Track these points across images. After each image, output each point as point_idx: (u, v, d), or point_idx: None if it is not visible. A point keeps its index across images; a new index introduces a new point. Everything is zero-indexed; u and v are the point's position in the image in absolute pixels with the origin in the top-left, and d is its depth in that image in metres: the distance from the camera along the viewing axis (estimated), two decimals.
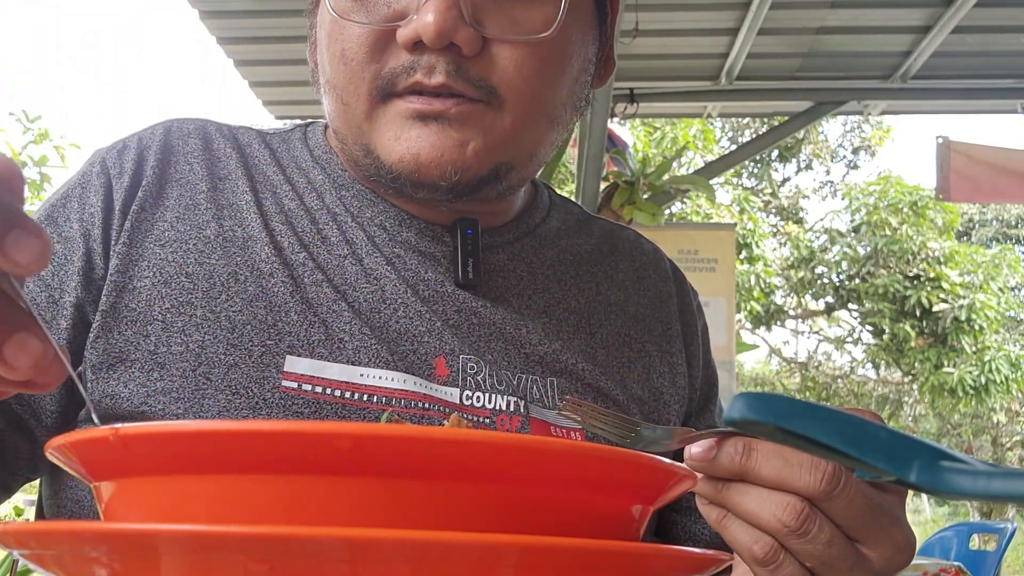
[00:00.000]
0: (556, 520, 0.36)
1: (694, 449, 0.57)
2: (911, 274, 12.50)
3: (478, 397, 0.78)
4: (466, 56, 0.73)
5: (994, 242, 16.47)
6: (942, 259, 12.38)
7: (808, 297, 14.33)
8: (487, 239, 0.87)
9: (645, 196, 4.84)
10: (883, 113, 5.86)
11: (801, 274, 13.93)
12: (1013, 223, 16.97)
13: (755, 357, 17.07)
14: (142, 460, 0.36)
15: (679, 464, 0.40)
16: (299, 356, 0.75)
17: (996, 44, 4.81)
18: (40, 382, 0.40)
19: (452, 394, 0.78)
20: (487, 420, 0.78)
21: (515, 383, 0.81)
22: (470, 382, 0.79)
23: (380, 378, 0.75)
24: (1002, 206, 16.34)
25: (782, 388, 15.57)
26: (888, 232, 12.66)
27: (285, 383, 0.73)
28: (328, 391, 0.74)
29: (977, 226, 17.23)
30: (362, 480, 0.34)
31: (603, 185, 4.77)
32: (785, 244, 14.82)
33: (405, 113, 0.75)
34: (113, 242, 0.78)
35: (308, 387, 0.74)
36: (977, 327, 12.00)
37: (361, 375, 0.75)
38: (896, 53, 4.92)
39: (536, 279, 0.88)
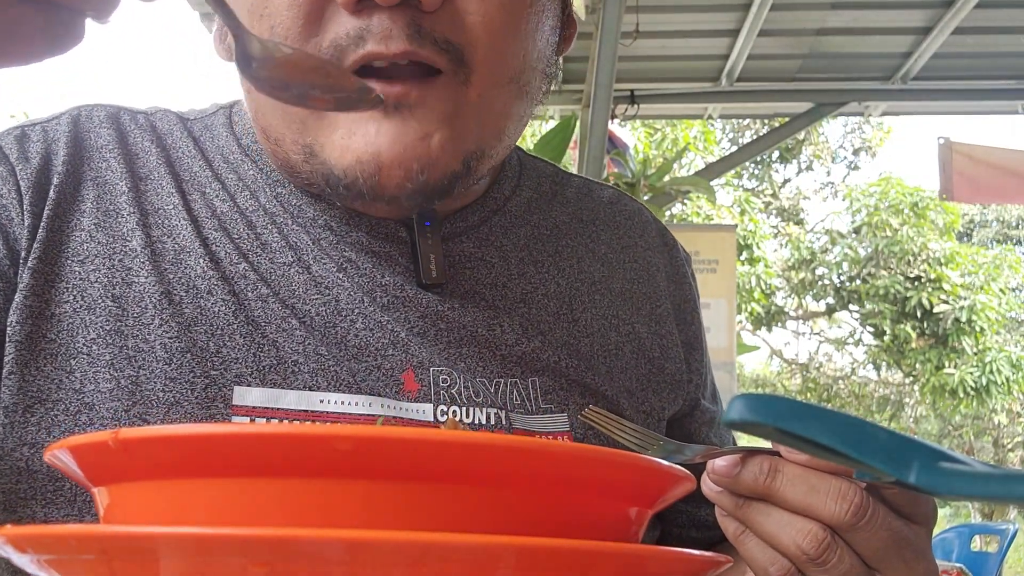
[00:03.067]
0: (554, 522, 0.36)
1: (717, 463, 0.55)
2: (912, 275, 12.50)
3: (454, 412, 0.70)
4: (426, 12, 0.62)
5: (995, 243, 16.46)
6: (943, 260, 12.37)
7: (809, 298, 14.32)
8: (450, 226, 0.77)
9: (646, 197, 4.84)
10: (884, 114, 5.86)
11: (802, 275, 13.93)
12: (1014, 224, 16.95)
13: (756, 358, 17.06)
14: (142, 464, 0.36)
15: (677, 467, 0.40)
16: (248, 386, 0.66)
17: (996, 45, 4.81)
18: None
19: (425, 411, 0.69)
20: None
21: (492, 391, 0.72)
22: (444, 396, 0.70)
23: (342, 403, 0.67)
24: (1003, 207, 16.34)
25: (783, 389, 15.56)
26: (889, 233, 12.65)
27: (235, 419, 0.65)
28: (285, 423, 0.65)
29: (978, 227, 17.22)
30: (361, 482, 0.34)
31: None
32: (786, 245, 14.81)
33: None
34: (24, 251, 0.67)
35: (262, 420, 0.65)
36: (978, 328, 11.98)
37: (320, 401, 0.67)
38: (896, 54, 4.93)
39: (510, 264, 0.78)
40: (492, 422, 0.71)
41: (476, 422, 0.71)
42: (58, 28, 0.44)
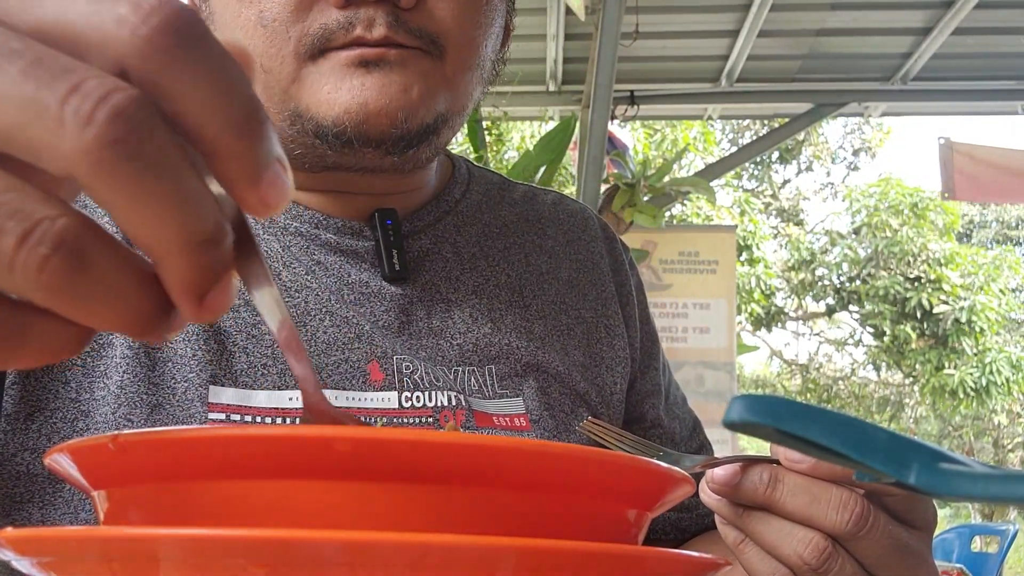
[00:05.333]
0: (554, 523, 0.36)
1: (717, 472, 0.55)
2: (912, 276, 12.50)
3: (418, 397, 0.75)
4: (404, 7, 0.70)
5: (994, 243, 16.47)
6: (943, 261, 12.37)
7: (809, 299, 14.33)
8: (408, 225, 0.83)
9: (646, 198, 4.84)
10: (883, 115, 5.86)
11: (802, 276, 13.93)
12: (1013, 224, 16.96)
13: (756, 359, 17.07)
14: (142, 467, 0.36)
15: (676, 469, 0.40)
16: (222, 385, 0.71)
17: (996, 46, 4.82)
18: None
19: (390, 399, 0.74)
20: (430, 419, 0.74)
21: (452, 377, 0.78)
22: (407, 383, 0.75)
23: None
24: (1002, 207, 16.35)
25: (783, 390, 15.56)
26: (888, 234, 12.66)
27: (212, 415, 0.69)
28: (257, 420, 0.70)
29: (977, 228, 17.22)
30: (361, 483, 0.34)
31: (603, 187, 4.78)
32: (786, 246, 14.82)
33: (346, 61, 0.70)
34: None
35: (236, 417, 0.70)
36: (978, 329, 11.99)
37: (290, 399, 0.72)
38: (896, 55, 4.94)
39: (462, 259, 0.85)
40: (453, 403, 0.76)
41: (438, 404, 0.75)
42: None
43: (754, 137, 11.68)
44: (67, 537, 0.33)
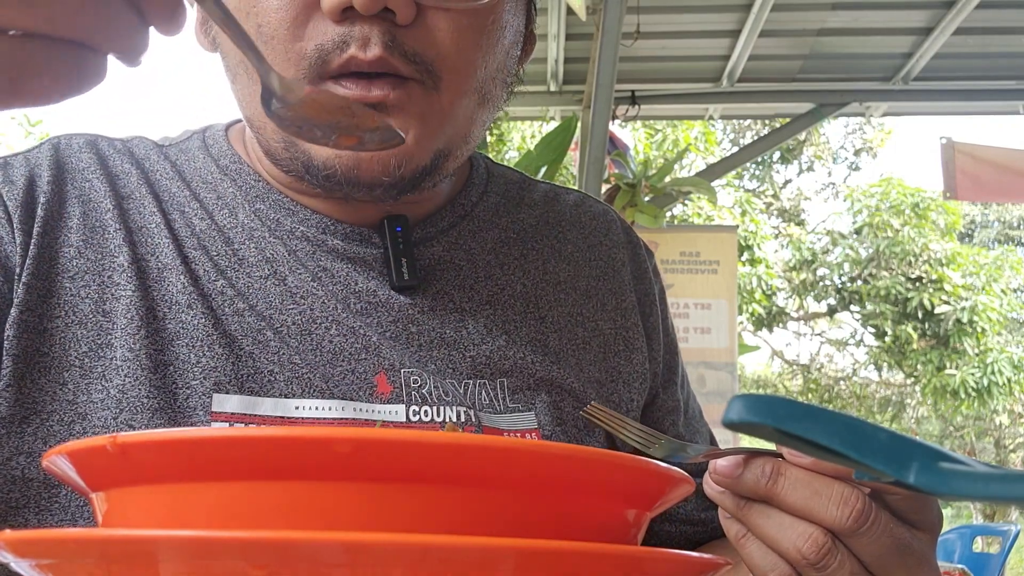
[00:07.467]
0: (553, 524, 0.36)
1: (720, 464, 0.55)
2: (913, 276, 12.49)
3: (426, 411, 0.73)
4: (400, 24, 0.67)
5: (996, 243, 16.45)
6: (944, 261, 12.36)
7: (810, 299, 14.31)
8: (420, 231, 0.81)
9: (647, 198, 4.84)
10: (885, 115, 5.85)
11: (803, 276, 13.92)
12: (1015, 224, 16.94)
13: (757, 359, 17.05)
14: (140, 468, 0.36)
15: (676, 469, 0.40)
16: (227, 393, 0.69)
17: (997, 46, 4.81)
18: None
19: (397, 412, 0.72)
20: None
21: (462, 391, 0.75)
22: (415, 396, 0.73)
23: (316, 408, 0.70)
24: (1004, 207, 16.34)
25: (784, 390, 15.54)
26: (890, 234, 12.65)
27: (215, 424, 0.67)
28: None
29: (979, 228, 17.20)
30: (360, 484, 0.34)
31: (604, 187, 4.77)
32: (787, 246, 14.80)
33: None
34: (17, 267, 0.70)
35: (240, 425, 0.67)
36: (979, 329, 11.98)
37: (296, 408, 0.70)
38: (897, 55, 4.93)
39: (477, 267, 0.82)
40: (463, 419, 0.74)
41: (446, 419, 0.74)
42: (69, 68, 0.42)
43: (755, 137, 11.66)
44: (66, 539, 0.33)
